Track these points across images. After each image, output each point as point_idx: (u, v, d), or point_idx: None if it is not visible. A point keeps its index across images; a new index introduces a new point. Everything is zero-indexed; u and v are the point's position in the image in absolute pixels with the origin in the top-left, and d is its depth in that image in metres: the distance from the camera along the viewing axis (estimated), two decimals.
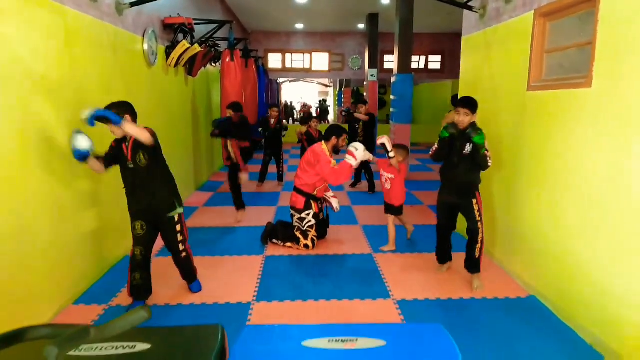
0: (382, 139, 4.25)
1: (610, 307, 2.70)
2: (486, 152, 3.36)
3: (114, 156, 3.13)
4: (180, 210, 3.31)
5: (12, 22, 2.74)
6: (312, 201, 4.70)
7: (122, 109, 3.00)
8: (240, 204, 5.70)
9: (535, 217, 3.58)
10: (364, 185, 7.81)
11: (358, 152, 4.47)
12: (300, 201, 4.69)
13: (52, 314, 3.11)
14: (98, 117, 2.77)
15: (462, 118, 3.41)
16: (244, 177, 5.48)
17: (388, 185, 4.53)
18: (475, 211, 3.55)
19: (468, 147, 3.44)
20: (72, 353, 0.90)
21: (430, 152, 3.73)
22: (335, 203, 4.80)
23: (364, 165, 7.33)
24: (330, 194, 4.88)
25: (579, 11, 3.15)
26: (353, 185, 7.87)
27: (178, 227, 3.32)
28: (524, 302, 3.48)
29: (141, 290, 3.24)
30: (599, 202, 2.81)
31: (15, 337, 1.00)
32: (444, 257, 3.99)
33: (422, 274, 3.99)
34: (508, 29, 4.06)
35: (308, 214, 4.68)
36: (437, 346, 1.39)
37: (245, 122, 5.88)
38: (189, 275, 3.57)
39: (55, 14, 3.20)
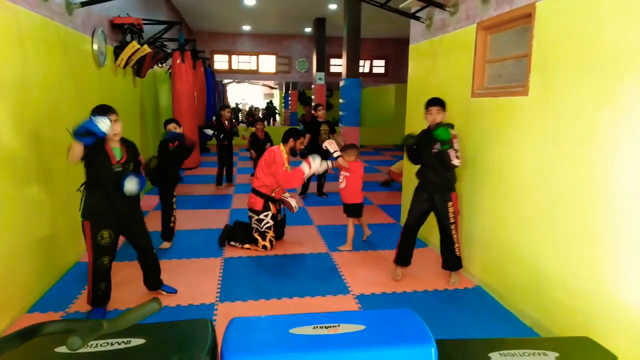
0: (325, 142, 4.55)
1: (546, 292, 3.03)
2: (452, 149, 3.45)
3: (89, 154, 2.94)
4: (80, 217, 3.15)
5: None
6: (270, 202, 4.78)
7: (111, 112, 2.98)
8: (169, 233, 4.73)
9: (478, 211, 3.89)
10: (313, 189, 7.92)
11: (314, 163, 4.62)
12: (259, 202, 4.76)
13: (5, 324, 2.99)
14: (85, 132, 2.70)
15: (435, 116, 3.58)
16: None
17: (343, 185, 4.68)
18: (450, 212, 3.65)
19: (437, 146, 3.55)
20: (69, 351, 0.95)
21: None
22: (293, 203, 4.90)
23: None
24: (287, 194, 4.97)
25: (516, 26, 3.49)
26: (302, 193, 7.71)
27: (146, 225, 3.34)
28: (471, 292, 3.79)
29: (104, 298, 3.19)
30: (533, 196, 3.13)
31: (32, 332, 1.04)
32: (406, 258, 3.93)
33: (377, 270, 4.20)
34: (453, 39, 4.38)
35: (266, 215, 4.76)
36: (411, 327, 1.55)
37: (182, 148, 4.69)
38: (158, 275, 3.55)
39: (7, 13, 3.09)
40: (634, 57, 2.34)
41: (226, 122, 7.73)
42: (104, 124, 2.72)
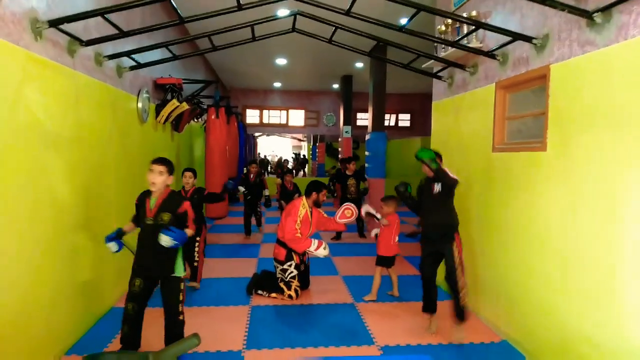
0: (364, 209, 4.72)
1: (572, 347, 2.99)
2: (442, 168, 3.56)
3: (138, 212, 3.31)
4: (183, 272, 3.33)
5: (34, 86, 3.00)
6: (293, 253, 4.91)
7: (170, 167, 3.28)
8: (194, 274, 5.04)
9: (504, 265, 3.92)
10: (345, 236, 8.14)
11: (324, 250, 4.69)
12: (282, 253, 4.90)
13: None
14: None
15: (426, 168, 3.75)
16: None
17: (385, 222, 4.76)
18: (455, 257, 3.72)
19: (437, 187, 3.73)
20: None
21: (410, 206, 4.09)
22: (322, 252, 4.75)
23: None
24: (314, 246, 4.77)
25: (532, 86, 3.67)
26: (335, 238, 8.15)
27: (182, 286, 3.29)
28: (496, 347, 3.74)
29: (129, 342, 3.28)
30: (557, 249, 3.17)
31: None
32: (429, 306, 3.99)
33: (402, 321, 4.21)
34: (473, 97, 4.58)
35: (290, 265, 4.88)
36: None
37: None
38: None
39: (69, 78, 3.50)
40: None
41: (251, 175, 8.05)
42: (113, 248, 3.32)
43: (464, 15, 4.48)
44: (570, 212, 3.05)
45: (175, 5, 3.67)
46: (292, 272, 4.87)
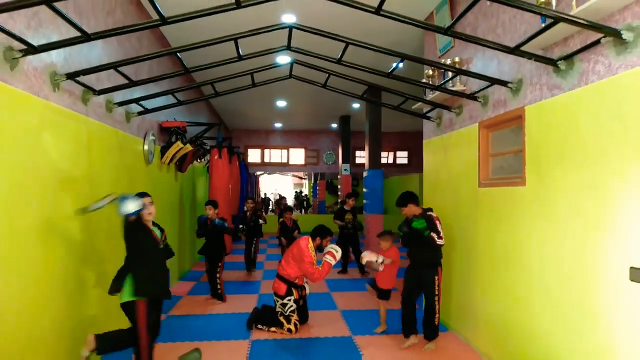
0: (365, 258, 4.83)
1: None
2: (431, 234, 4.14)
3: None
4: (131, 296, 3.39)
5: (51, 132, 3.29)
6: (293, 288, 5.07)
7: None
8: (216, 295, 6.15)
9: (492, 294, 4.07)
10: (350, 272, 8.31)
11: (337, 254, 5.00)
12: (282, 288, 5.06)
13: None
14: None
15: (406, 212, 4.35)
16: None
17: (381, 269, 4.88)
18: (435, 286, 4.25)
19: (405, 229, 4.33)
20: None
21: (400, 242, 4.56)
22: (337, 256, 5.02)
23: (354, 247, 8.14)
24: (332, 260, 4.99)
25: (511, 126, 3.95)
26: (341, 272, 8.34)
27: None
28: None
29: None
30: (539, 278, 3.34)
31: None
32: (409, 328, 4.49)
33: (398, 353, 4.32)
34: (460, 136, 4.87)
35: (289, 300, 5.03)
36: None
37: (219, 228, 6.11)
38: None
39: (81, 124, 3.79)
40: (605, 154, 2.71)
41: (248, 213, 8.25)
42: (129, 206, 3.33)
43: (449, 61, 4.85)
44: (549, 243, 3.25)
45: (181, 57, 4.00)
46: (291, 306, 5.01)
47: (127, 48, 4.97)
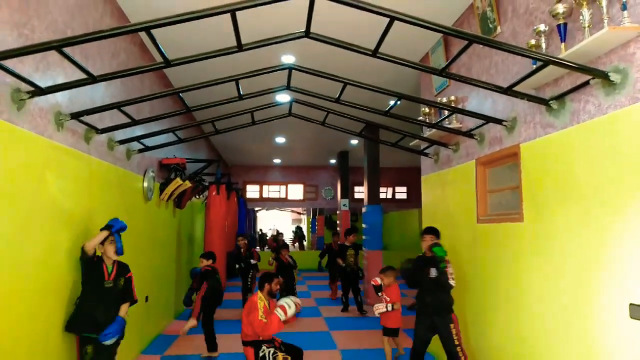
0: (378, 310, 4.91)
1: None
2: (447, 269, 3.95)
3: (93, 266, 3.58)
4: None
5: (54, 170, 3.33)
6: (262, 344, 4.62)
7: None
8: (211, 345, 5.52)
9: (493, 333, 4.01)
10: (352, 309, 8.23)
11: (290, 310, 4.52)
12: (250, 351, 4.63)
13: None
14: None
15: (428, 243, 4.12)
16: (190, 323, 5.25)
17: (383, 310, 4.93)
18: (453, 334, 3.96)
19: (433, 272, 4.04)
20: None
21: (407, 281, 4.41)
22: (291, 311, 4.56)
23: (353, 286, 8.10)
24: (282, 316, 4.53)
25: (507, 162, 4.01)
26: (343, 310, 8.29)
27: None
28: None
29: None
30: (540, 315, 3.31)
31: None
32: None
33: None
34: (457, 172, 4.92)
35: (263, 351, 4.59)
36: None
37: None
38: None
39: (83, 162, 3.84)
40: (599, 191, 2.75)
41: (242, 249, 8.24)
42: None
43: (445, 99, 4.96)
44: (549, 280, 3.24)
45: (182, 96, 4.10)
46: (269, 351, 4.73)
47: (129, 88, 5.08)
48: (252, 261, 8.26)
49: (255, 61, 4.97)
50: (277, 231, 25.20)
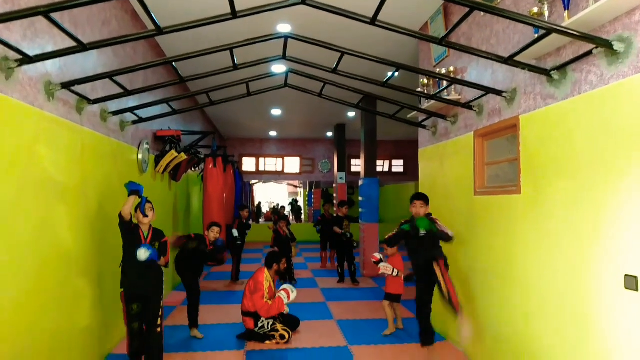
0: (382, 269, 5.16)
1: None
2: (441, 229, 3.99)
3: (130, 231, 3.83)
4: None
5: (45, 142, 3.27)
6: (260, 315, 4.96)
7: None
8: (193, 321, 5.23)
9: (488, 304, 4.06)
10: (347, 281, 8.39)
11: (293, 294, 4.97)
12: (250, 321, 4.98)
13: None
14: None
15: (418, 209, 4.13)
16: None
17: (388, 273, 5.20)
18: (438, 273, 3.95)
19: (422, 231, 4.01)
20: None
21: (387, 237, 4.40)
22: (294, 296, 5.01)
23: (348, 255, 8.23)
24: (286, 299, 4.95)
25: (506, 134, 3.97)
26: (339, 281, 8.43)
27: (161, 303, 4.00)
28: None
29: (139, 353, 3.89)
30: (535, 288, 3.34)
31: None
32: (426, 333, 4.14)
33: None
34: (455, 145, 4.89)
35: (262, 322, 4.95)
36: None
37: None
38: (156, 358, 3.92)
39: (76, 133, 3.78)
40: (597, 162, 2.73)
41: (244, 221, 8.33)
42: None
43: (444, 70, 4.87)
44: (545, 252, 3.25)
45: (176, 66, 4.00)
46: (268, 322, 4.93)
47: (122, 57, 4.96)
48: (251, 221, 8.39)
49: (250, 31, 4.84)
50: (278, 204, 25.28)
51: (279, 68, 7.12)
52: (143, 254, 3.70)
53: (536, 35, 3.04)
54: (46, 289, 3.28)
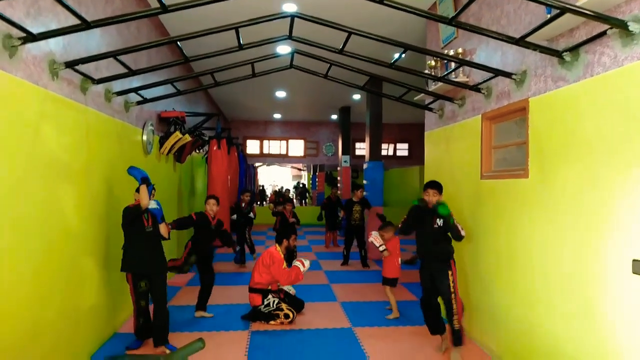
0: (371, 238, 5.13)
1: None
2: (456, 224, 3.86)
3: (139, 215, 3.99)
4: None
5: (50, 122, 3.25)
6: (269, 293, 5.09)
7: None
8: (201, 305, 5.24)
9: (494, 288, 4.06)
10: (352, 263, 8.43)
11: (307, 263, 5.15)
12: (257, 298, 5.06)
13: None
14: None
15: (431, 198, 3.99)
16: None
17: (386, 254, 5.23)
18: (450, 282, 3.91)
19: (439, 222, 3.95)
20: None
21: (400, 225, 4.24)
22: (307, 264, 5.15)
23: (359, 240, 8.25)
24: (302, 267, 5.11)
25: (514, 118, 3.92)
26: (343, 263, 8.47)
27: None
28: None
29: (147, 330, 4.11)
30: (541, 272, 3.34)
31: None
32: (436, 328, 4.16)
33: (398, 344, 4.33)
34: (462, 128, 4.83)
35: (268, 299, 5.04)
36: None
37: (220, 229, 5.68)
38: (162, 332, 4.05)
39: (81, 113, 3.75)
40: (608, 147, 2.69)
41: (243, 204, 8.31)
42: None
43: (452, 52, 4.79)
44: (551, 236, 3.23)
45: (180, 46, 3.95)
46: (274, 300, 5.01)
47: (126, 37, 4.91)
48: (251, 214, 8.38)
49: (255, 10, 4.77)
50: (282, 187, 25.29)
51: (284, 49, 7.03)
52: (153, 203, 3.96)
53: (549, 16, 2.96)
54: (53, 269, 3.30)
